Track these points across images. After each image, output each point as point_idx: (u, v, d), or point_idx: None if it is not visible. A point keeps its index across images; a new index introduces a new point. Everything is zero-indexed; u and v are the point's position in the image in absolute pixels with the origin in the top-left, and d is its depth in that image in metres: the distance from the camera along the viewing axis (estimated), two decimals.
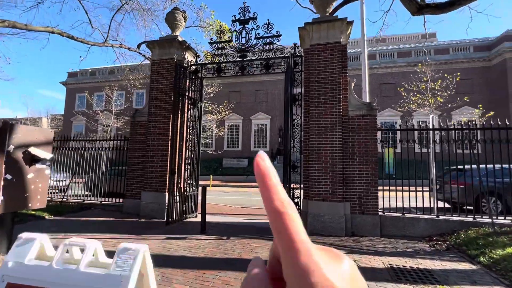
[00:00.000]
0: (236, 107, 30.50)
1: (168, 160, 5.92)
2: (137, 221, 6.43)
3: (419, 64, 19.68)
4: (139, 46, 10.45)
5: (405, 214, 5.71)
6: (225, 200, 11.96)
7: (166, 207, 5.87)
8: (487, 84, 25.49)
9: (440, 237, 5.21)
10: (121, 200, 7.56)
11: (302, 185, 6.09)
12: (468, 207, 6.80)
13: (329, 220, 5.58)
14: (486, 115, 13.82)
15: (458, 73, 18.41)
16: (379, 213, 5.64)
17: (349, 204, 5.69)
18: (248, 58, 6.86)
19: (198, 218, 6.34)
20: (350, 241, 5.12)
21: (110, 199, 7.86)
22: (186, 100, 7.04)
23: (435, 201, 6.45)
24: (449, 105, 18.38)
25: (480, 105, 15.94)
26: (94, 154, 8.15)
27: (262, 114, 31.15)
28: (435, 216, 5.59)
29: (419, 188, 6.23)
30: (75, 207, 7.52)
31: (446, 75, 16.80)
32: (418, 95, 15.28)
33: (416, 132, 5.91)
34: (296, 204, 6.02)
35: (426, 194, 6.93)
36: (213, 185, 19.27)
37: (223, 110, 23.17)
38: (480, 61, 26.25)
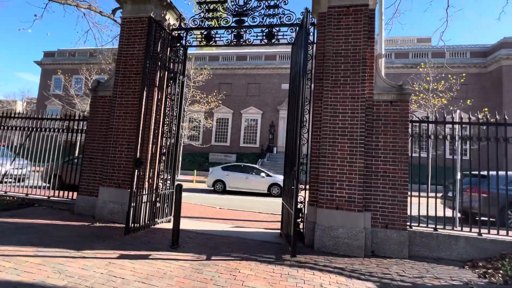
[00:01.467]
0: (226, 100, 28.88)
1: (135, 146, 4.40)
2: (88, 226, 4.85)
3: (422, 64, 18.86)
4: (114, 11, 8.70)
5: (439, 230, 4.48)
6: (209, 199, 10.47)
7: (127, 209, 4.34)
8: (482, 91, 25.21)
9: (486, 263, 4.00)
10: (75, 196, 5.92)
11: (307, 187, 4.73)
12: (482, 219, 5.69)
13: (344, 235, 4.25)
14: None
15: (464, 74, 17.67)
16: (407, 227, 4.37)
17: (369, 214, 4.39)
18: (246, 24, 5.41)
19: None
20: (373, 266, 3.81)
21: (61, 194, 6.20)
22: (165, 73, 5.49)
23: (454, 211, 5.25)
24: (451, 108, 17.66)
25: (486, 108, 15.18)
26: (53, 136, 6.44)
27: (254, 108, 29.69)
28: (476, 235, 4.39)
29: (430, 194, 5.02)
30: (13, 203, 5.81)
31: (449, 75, 16.00)
32: (421, 94, 14.34)
33: (458, 127, 4.67)
34: (299, 211, 4.66)
35: (430, 201, 5.75)
36: (197, 181, 17.68)
37: (212, 100, 21.52)
38: (476, 67, 25.94)
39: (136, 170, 4.51)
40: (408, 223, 4.50)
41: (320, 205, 4.44)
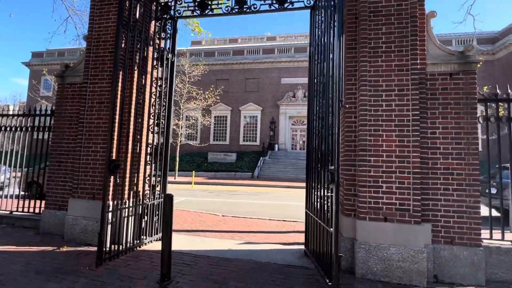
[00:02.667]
0: (224, 97, 27.67)
1: (108, 144, 3.21)
2: (53, 252, 3.67)
3: None
4: None
5: None
6: (209, 203, 9.31)
7: (99, 230, 3.17)
8: (491, 77, 24.15)
9: None
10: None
11: (337, 190, 3.58)
12: None
13: (397, 257, 3.11)
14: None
15: (481, 58, 16.48)
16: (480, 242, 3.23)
17: (429, 226, 3.25)
18: None
19: None
20: None
21: (33, 206, 5.01)
22: (149, 52, 4.30)
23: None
24: None
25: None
26: (17, 136, 5.23)
27: (253, 105, 28.52)
28: None
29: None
30: None
31: None
32: None
33: None
34: (327, 222, 3.50)
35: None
36: (196, 183, 16.51)
37: (210, 96, 20.29)
38: (484, 54, 24.88)
39: (112, 176, 3.35)
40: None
41: (360, 216, 3.29)
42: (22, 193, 7.41)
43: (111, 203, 3.44)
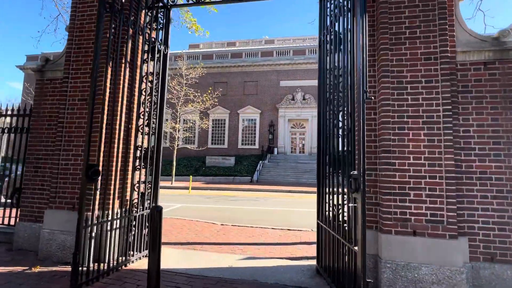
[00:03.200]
0: (222, 100, 27.23)
1: (88, 146, 2.70)
2: (24, 273, 3.13)
3: None
4: None
5: None
6: (207, 210, 8.77)
7: (74, 248, 2.64)
8: None
9: None
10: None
11: (363, 200, 3.08)
12: None
13: (430, 278, 2.61)
14: None
15: None
16: None
17: (465, 241, 2.77)
18: None
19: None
20: None
21: (1, 219, 4.46)
22: (139, 43, 3.82)
23: None
24: None
25: None
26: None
27: (251, 108, 28.08)
28: None
29: None
30: None
31: None
32: None
33: None
34: (347, 238, 3.00)
35: None
36: (193, 188, 15.94)
37: (207, 98, 19.82)
38: None
39: (92, 184, 2.84)
40: None
41: (384, 229, 2.80)
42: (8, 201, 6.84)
43: (94, 214, 2.92)
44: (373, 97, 2.90)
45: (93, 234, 3.11)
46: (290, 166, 23.78)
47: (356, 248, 2.26)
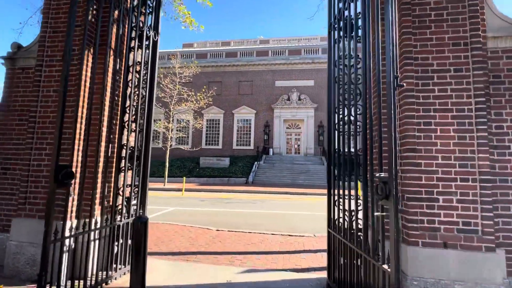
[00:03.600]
0: (216, 100, 26.72)
1: (58, 142, 2.24)
2: None
3: None
4: None
5: None
6: (201, 214, 8.29)
7: (40, 265, 2.17)
8: None
9: None
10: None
11: (396, 210, 2.69)
12: None
13: None
14: None
15: None
16: None
17: (503, 253, 2.40)
18: None
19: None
20: None
21: None
22: (125, 28, 3.36)
23: None
24: None
25: None
26: None
27: (246, 108, 27.64)
28: None
29: None
30: None
31: None
32: None
33: None
34: (371, 253, 2.59)
35: None
36: (187, 190, 15.39)
37: (202, 97, 19.31)
38: None
39: (63, 188, 2.37)
40: None
41: (410, 240, 2.41)
42: None
43: (66, 224, 2.45)
44: (404, 84, 2.51)
45: (67, 248, 2.64)
46: (286, 167, 23.41)
47: (385, 266, 1.86)
